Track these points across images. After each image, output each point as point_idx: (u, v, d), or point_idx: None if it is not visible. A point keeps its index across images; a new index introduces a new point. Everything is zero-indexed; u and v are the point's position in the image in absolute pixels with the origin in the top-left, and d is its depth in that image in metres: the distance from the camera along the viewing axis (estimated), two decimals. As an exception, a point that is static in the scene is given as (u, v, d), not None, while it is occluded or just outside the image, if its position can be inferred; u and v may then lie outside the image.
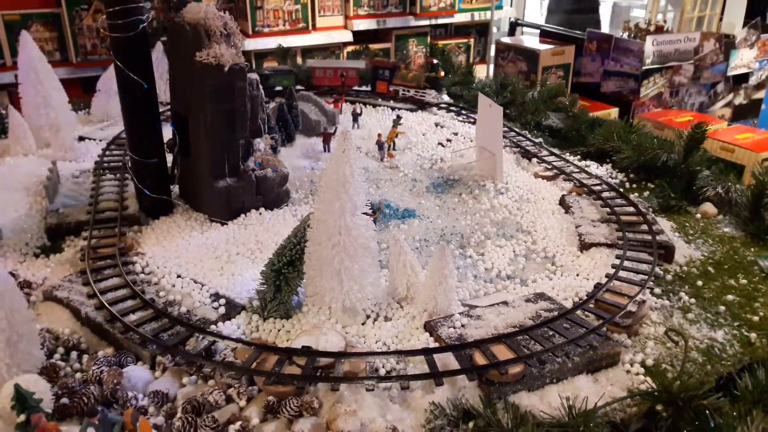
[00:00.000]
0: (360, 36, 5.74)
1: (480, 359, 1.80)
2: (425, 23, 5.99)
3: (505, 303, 2.10)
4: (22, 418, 1.51)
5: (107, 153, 3.21)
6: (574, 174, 3.14)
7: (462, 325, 1.97)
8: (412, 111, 4.06)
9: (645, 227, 2.55)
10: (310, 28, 5.45)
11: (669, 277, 2.36)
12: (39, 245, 2.51)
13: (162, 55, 3.74)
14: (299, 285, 2.10)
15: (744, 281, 2.37)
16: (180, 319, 2.01)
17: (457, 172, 3.21)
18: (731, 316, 2.17)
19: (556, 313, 2.02)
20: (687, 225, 2.79)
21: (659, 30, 5.27)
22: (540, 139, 3.68)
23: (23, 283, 2.20)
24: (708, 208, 2.88)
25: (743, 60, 5.50)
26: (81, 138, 3.46)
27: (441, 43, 5.53)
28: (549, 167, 3.25)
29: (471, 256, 2.49)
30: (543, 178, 3.16)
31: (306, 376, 1.75)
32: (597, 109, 4.83)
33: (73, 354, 1.92)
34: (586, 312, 2.06)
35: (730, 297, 2.27)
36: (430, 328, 2.00)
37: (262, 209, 2.75)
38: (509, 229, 2.69)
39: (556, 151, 3.46)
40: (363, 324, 2.05)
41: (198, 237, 2.56)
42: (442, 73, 4.31)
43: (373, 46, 5.61)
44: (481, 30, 6.47)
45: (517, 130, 3.73)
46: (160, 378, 1.82)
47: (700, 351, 2.00)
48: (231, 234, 2.58)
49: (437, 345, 1.92)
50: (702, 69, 5.30)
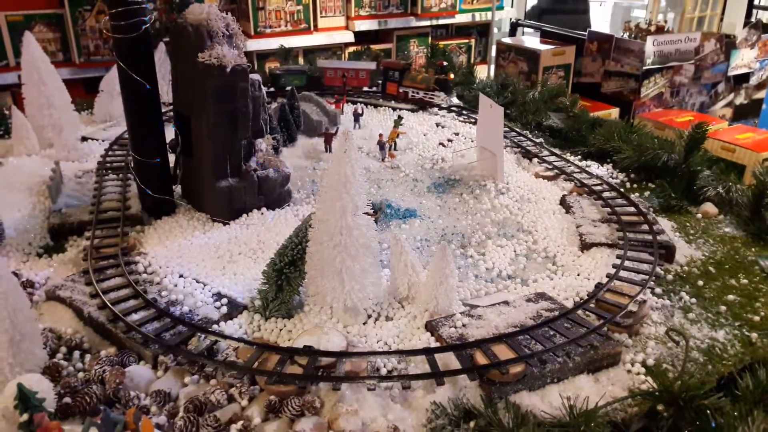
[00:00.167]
0: (361, 36, 5.74)
1: (481, 359, 1.80)
2: (426, 24, 5.98)
3: (506, 303, 2.10)
4: (24, 417, 1.51)
5: (110, 153, 3.22)
6: (574, 174, 3.14)
7: (463, 325, 1.97)
8: (413, 111, 4.07)
9: (646, 227, 2.55)
10: (311, 28, 5.45)
11: (670, 277, 2.36)
12: (42, 245, 2.52)
13: (164, 56, 3.76)
14: (301, 285, 2.11)
15: (745, 281, 2.37)
16: (182, 319, 2.01)
17: (458, 172, 3.21)
18: (732, 315, 2.17)
19: (557, 313, 2.03)
20: (688, 225, 2.79)
21: (660, 30, 5.26)
22: (541, 139, 3.68)
23: (26, 283, 2.20)
24: (709, 208, 2.88)
25: (744, 60, 5.49)
26: (84, 138, 3.48)
27: (442, 44, 5.52)
28: (550, 167, 3.25)
29: (472, 255, 2.49)
30: (544, 178, 3.16)
31: (307, 375, 1.75)
32: (597, 109, 4.82)
33: (76, 353, 1.92)
34: (586, 312, 2.06)
35: (731, 297, 2.27)
36: (431, 327, 2.00)
37: (263, 209, 2.76)
38: (510, 229, 2.70)
39: (556, 151, 3.46)
40: (364, 324, 2.06)
41: (200, 237, 2.56)
42: (452, 76, 4.31)
43: (375, 46, 5.61)
44: (482, 30, 6.47)
45: (518, 130, 3.74)
46: (162, 377, 1.83)
47: (701, 351, 2.00)
48: (233, 234, 2.59)
49: (438, 345, 1.92)
50: (703, 69, 5.29)
